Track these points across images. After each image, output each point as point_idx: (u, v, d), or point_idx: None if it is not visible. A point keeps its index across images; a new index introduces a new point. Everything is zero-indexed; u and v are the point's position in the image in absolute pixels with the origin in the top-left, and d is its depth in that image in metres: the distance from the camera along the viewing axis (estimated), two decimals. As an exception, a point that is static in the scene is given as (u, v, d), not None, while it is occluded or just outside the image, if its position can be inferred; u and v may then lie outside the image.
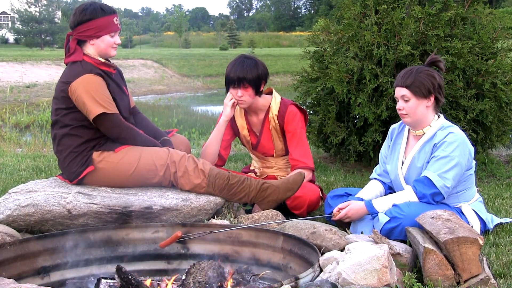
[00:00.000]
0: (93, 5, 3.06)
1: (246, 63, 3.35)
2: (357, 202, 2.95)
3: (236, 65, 3.35)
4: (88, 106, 2.96)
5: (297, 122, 3.45)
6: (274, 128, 3.49)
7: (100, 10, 3.05)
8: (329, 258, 2.33)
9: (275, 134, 3.50)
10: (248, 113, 3.55)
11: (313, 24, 27.78)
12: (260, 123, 3.53)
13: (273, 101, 3.48)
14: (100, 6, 3.06)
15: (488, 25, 4.51)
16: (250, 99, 3.38)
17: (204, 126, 9.75)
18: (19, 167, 4.68)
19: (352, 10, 4.57)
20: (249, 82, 3.31)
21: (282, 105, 3.47)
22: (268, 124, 3.49)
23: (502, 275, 2.41)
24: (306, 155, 3.46)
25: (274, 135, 3.51)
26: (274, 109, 3.46)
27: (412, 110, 2.86)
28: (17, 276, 2.44)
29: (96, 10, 3.04)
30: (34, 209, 2.83)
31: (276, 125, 3.47)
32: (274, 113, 3.46)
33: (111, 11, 3.09)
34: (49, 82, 19.24)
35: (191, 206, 2.98)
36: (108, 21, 3.06)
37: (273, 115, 3.46)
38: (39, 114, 11.13)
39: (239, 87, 3.34)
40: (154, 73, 25.43)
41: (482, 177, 4.42)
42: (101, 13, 3.05)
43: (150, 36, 54.95)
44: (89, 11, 3.04)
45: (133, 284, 2.22)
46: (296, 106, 3.50)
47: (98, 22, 3.04)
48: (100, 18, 3.04)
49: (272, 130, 3.50)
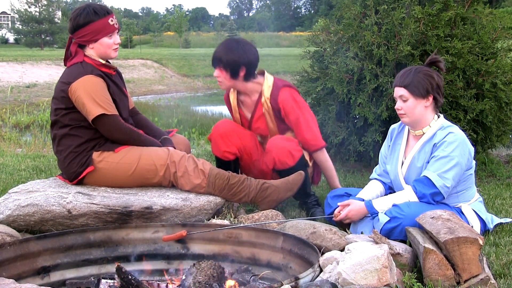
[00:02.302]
0: (87, 9, 3.03)
1: (230, 45, 3.31)
2: (357, 202, 2.95)
3: (221, 45, 3.35)
4: (87, 107, 2.96)
5: (294, 109, 3.36)
6: (267, 111, 3.41)
7: (94, 14, 3.02)
8: (329, 258, 2.33)
9: (269, 118, 3.43)
10: (240, 94, 3.49)
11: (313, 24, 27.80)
12: (253, 105, 3.46)
13: (265, 84, 3.40)
14: (93, 9, 3.03)
15: (488, 25, 4.50)
16: (226, 82, 3.34)
17: (204, 126, 9.75)
18: (19, 167, 4.67)
19: (352, 10, 4.57)
20: (224, 64, 3.28)
21: (274, 88, 3.37)
22: (261, 107, 3.42)
23: (502, 275, 2.40)
24: (313, 135, 3.40)
25: (268, 119, 3.44)
26: (266, 92, 3.38)
27: (410, 110, 2.86)
28: (17, 276, 2.45)
29: (89, 14, 3.02)
30: (34, 209, 2.83)
31: (269, 109, 3.40)
32: (266, 96, 3.38)
33: (105, 13, 3.06)
34: (49, 82, 19.23)
35: (191, 206, 2.98)
36: (104, 23, 3.05)
37: (265, 99, 3.39)
38: (39, 114, 11.13)
39: (215, 67, 3.33)
40: (154, 73, 25.43)
41: (482, 177, 4.42)
42: (95, 17, 3.03)
43: (150, 36, 54.89)
44: (82, 16, 3.03)
45: (133, 284, 2.22)
46: (289, 87, 3.41)
47: (94, 26, 3.03)
48: (94, 22, 3.03)
49: (265, 113, 3.42)
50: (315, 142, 3.42)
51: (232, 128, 3.46)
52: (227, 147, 3.43)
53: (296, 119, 3.37)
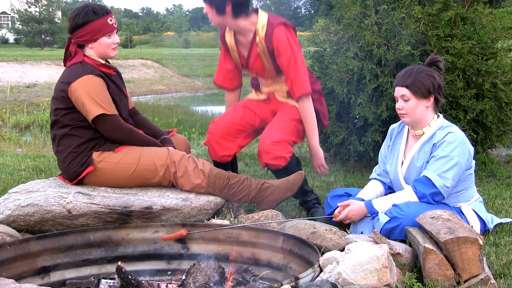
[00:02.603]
0: (85, 9, 3.03)
1: None
2: (357, 202, 2.95)
3: None
4: (87, 107, 2.96)
5: (287, 51, 3.27)
6: (263, 52, 3.33)
7: (93, 13, 3.02)
8: (329, 258, 2.33)
9: (264, 58, 3.35)
10: (236, 33, 3.41)
11: (313, 24, 27.78)
12: (248, 44, 3.38)
13: (259, 23, 3.31)
14: (92, 9, 3.03)
15: (488, 25, 4.50)
16: (214, 18, 3.27)
17: (204, 126, 9.74)
18: (19, 167, 4.67)
19: (352, 10, 4.57)
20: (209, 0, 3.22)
21: (268, 26, 3.28)
22: (256, 47, 3.34)
23: (502, 275, 2.41)
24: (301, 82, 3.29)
25: (264, 60, 3.36)
26: (261, 31, 3.29)
27: (412, 110, 2.86)
28: (17, 276, 2.44)
29: (88, 14, 3.02)
30: (34, 209, 2.83)
31: (264, 48, 3.32)
32: (261, 36, 3.30)
33: (104, 12, 3.06)
34: (49, 82, 19.22)
35: (191, 206, 2.99)
36: (102, 23, 3.04)
37: (260, 39, 3.31)
38: (39, 114, 11.13)
39: (204, 3, 3.28)
40: (154, 73, 25.42)
41: (482, 177, 4.42)
42: (93, 16, 3.02)
43: (150, 36, 54.87)
44: (81, 16, 3.03)
45: (133, 284, 2.22)
46: (284, 25, 3.31)
47: (92, 26, 3.03)
48: (93, 22, 3.02)
49: (261, 54, 3.34)
50: (299, 88, 3.30)
51: (226, 130, 3.45)
52: (225, 151, 3.44)
53: (287, 63, 3.28)
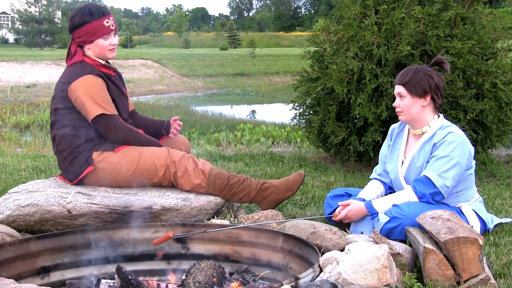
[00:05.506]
0: (82, 11, 3.03)
1: None
2: (357, 202, 2.95)
3: None
4: (87, 106, 2.96)
5: None
6: None
7: (89, 15, 3.01)
8: (329, 258, 2.33)
9: None
10: None
11: (313, 24, 27.80)
12: None
13: None
14: (89, 11, 3.02)
15: (488, 25, 4.50)
16: None
17: (204, 126, 9.75)
18: (19, 167, 4.67)
19: (352, 10, 4.57)
20: None
21: None
22: None
23: (502, 275, 2.40)
24: None
25: None
26: None
27: (407, 108, 2.88)
28: (17, 276, 2.44)
29: (84, 15, 3.01)
30: (34, 209, 2.83)
31: None
32: None
33: (100, 14, 3.04)
34: (49, 82, 19.24)
35: (191, 206, 2.98)
36: (98, 25, 3.03)
37: None
38: (39, 114, 11.14)
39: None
40: (154, 73, 25.44)
41: (482, 177, 4.42)
42: (89, 18, 3.02)
43: (150, 36, 54.91)
44: (78, 17, 3.02)
45: (133, 284, 2.22)
46: None
47: (88, 28, 3.02)
48: (89, 24, 3.02)
49: None
50: None
51: None
52: None
53: None
